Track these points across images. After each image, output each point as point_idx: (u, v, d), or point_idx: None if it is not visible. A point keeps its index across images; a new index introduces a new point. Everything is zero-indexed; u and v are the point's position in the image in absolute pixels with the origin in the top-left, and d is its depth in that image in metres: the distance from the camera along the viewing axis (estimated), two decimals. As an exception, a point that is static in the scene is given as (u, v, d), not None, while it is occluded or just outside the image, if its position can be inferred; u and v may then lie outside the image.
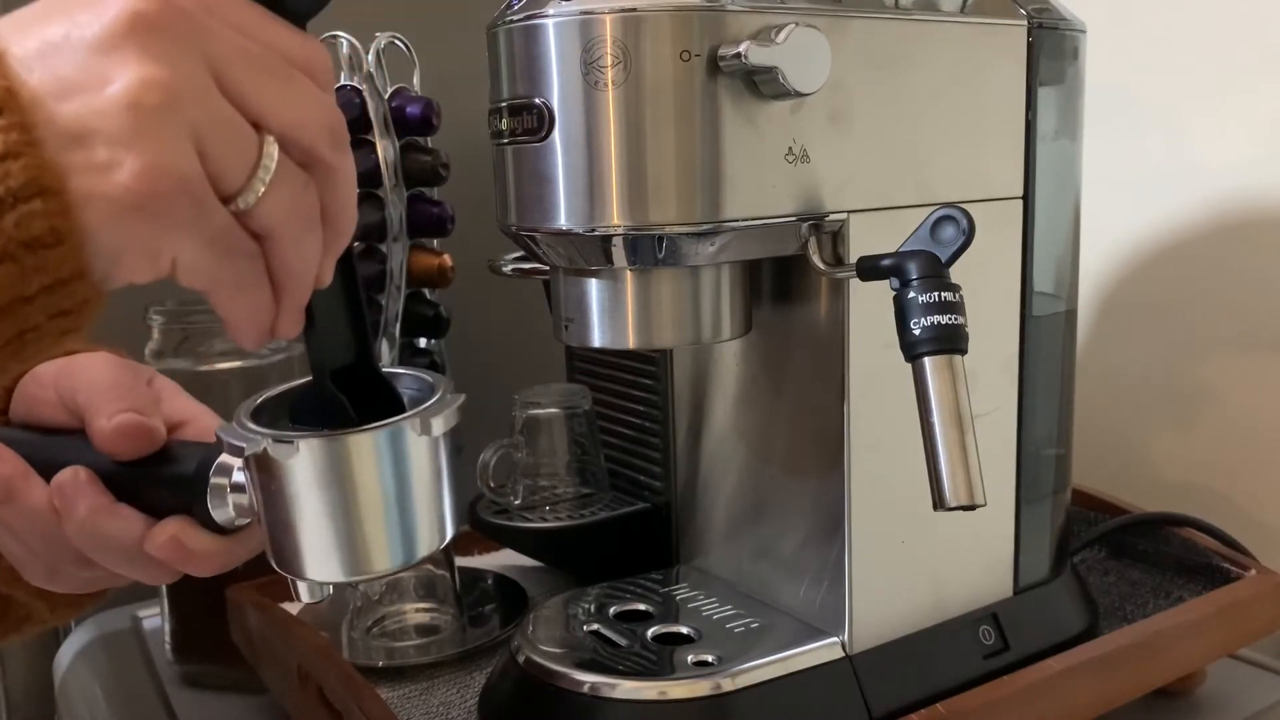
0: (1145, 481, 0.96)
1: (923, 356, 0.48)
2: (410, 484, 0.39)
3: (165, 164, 0.30)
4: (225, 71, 0.32)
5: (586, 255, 0.53)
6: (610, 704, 0.56)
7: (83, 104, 0.30)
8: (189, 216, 0.31)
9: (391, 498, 0.39)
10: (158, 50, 0.30)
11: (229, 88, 0.32)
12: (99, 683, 0.81)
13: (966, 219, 0.49)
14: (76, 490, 0.41)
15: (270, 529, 0.40)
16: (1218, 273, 0.90)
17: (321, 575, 0.40)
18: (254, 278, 0.34)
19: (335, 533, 0.39)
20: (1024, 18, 0.61)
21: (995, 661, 0.63)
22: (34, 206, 0.29)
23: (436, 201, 0.81)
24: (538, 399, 0.79)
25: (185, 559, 0.42)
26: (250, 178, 0.32)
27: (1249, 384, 0.89)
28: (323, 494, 0.38)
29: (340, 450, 0.38)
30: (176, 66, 0.30)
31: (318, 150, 0.34)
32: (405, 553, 0.40)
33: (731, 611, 0.64)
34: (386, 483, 0.39)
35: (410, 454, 0.39)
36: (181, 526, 0.42)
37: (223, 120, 0.31)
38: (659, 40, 0.49)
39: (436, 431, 0.39)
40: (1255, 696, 0.72)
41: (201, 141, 0.31)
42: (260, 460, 0.39)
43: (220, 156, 0.31)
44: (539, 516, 0.78)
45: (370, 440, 0.38)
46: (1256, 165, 0.87)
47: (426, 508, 0.40)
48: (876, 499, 0.59)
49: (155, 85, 0.30)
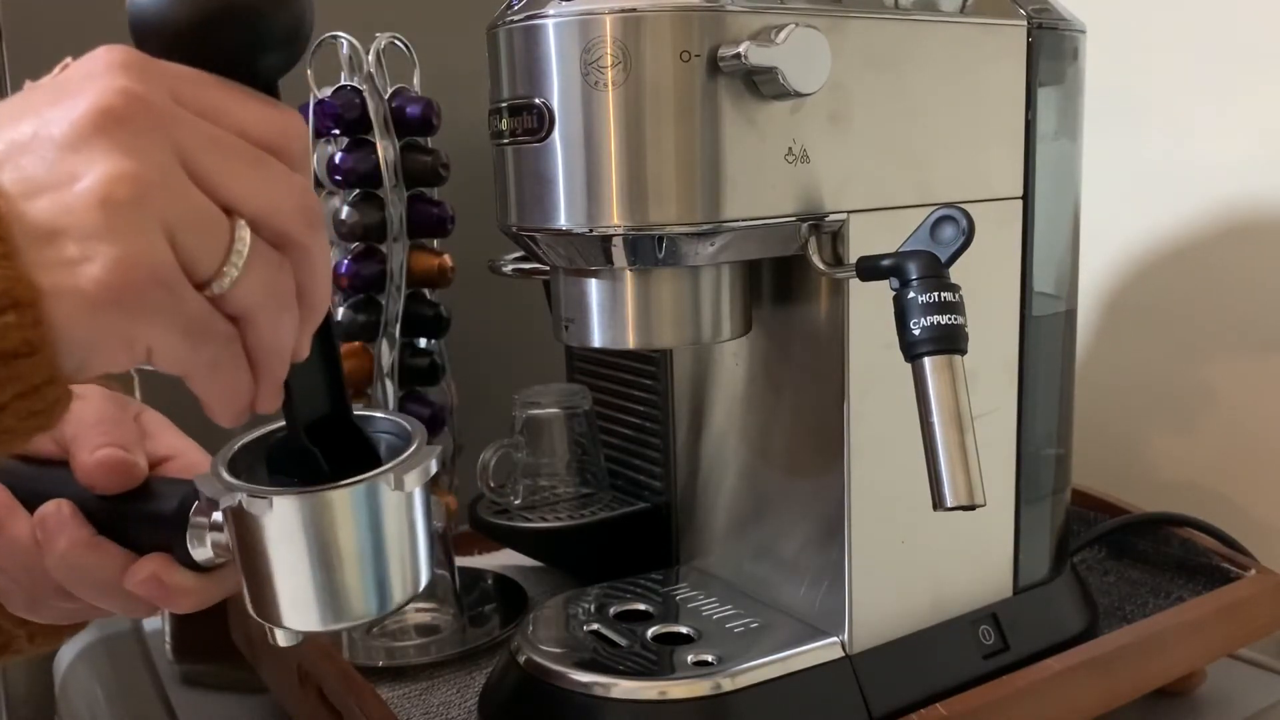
0: (1145, 481, 0.96)
1: (922, 356, 0.48)
2: (384, 536, 0.40)
3: (137, 256, 0.30)
4: (195, 160, 0.32)
5: (586, 255, 0.53)
6: (610, 704, 0.56)
7: (52, 202, 0.30)
8: (163, 306, 0.31)
9: (366, 550, 0.40)
10: (126, 144, 0.30)
11: (199, 176, 0.32)
12: (99, 683, 0.81)
13: (966, 219, 0.49)
14: (58, 523, 0.41)
15: (246, 578, 0.40)
16: (1218, 273, 0.90)
17: (297, 624, 0.40)
18: (231, 359, 0.34)
19: (309, 584, 0.39)
20: (1024, 18, 0.61)
21: (995, 661, 0.63)
22: (8, 319, 0.29)
23: (436, 201, 0.81)
24: (538, 399, 0.79)
25: (164, 596, 0.42)
26: (223, 263, 0.32)
27: (1249, 384, 0.89)
28: (297, 547, 0.39)
29: (314, 506, 0.38)
30: (145, 159, 0.31)
31: (291, 232, 0.34)
32: (379, 602, 0.40)
33: (731, 611, 0.64)
34: (361, 536, 0.39)
35: (384, 508, 0.40)
36: (161, 564, 0.42)
37: (193, 209, 0.32)
38: (659, 40, 0.49)
39: (410, 487, 0.40)
40: (1255, 696, 0.72)
41: (173, 231, 0.31)
42: (236, 513, 0.39)
43: (192, 245, 0.31)
44: (539, 516, 0.78)
45: (344, 496, 0.39)
46: (1256, 166, 0.87)
47: (400, 558, 0.41)
48: (876, 499, 0.59)
49: (124, 179, 0.30)
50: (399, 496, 0.39)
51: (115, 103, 0.30)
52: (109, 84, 0.31)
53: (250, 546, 0.39)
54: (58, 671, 0.86)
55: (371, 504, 0.39)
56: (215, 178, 0.32)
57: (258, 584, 0.40)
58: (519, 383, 0.81)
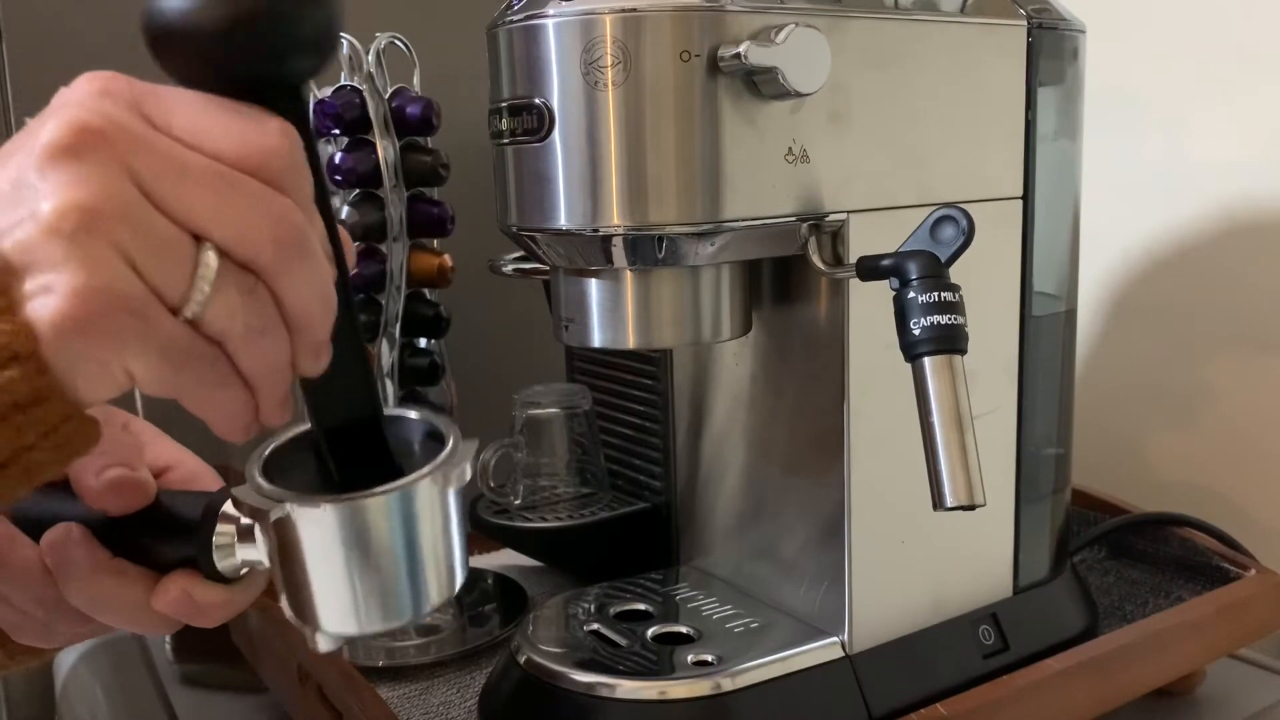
0: (1145, 481, 0.96)
1: (922, 356, 0.48)
2: (423, 538, 0.40)
3: (96, 284, 0.31)
4: (154, 186, 0.32)
5: (586, 255, 0.53)
6: (610, 704, 0.56)
7: (20, 237, 0.31)
8: (133, 331, 0.32)
9: (407, 554, 0.39)
10: (77, 174, 0.31)
11: (160, 202, 0.32)
12: (99, 683, 0.81)
13: (966, 219, 0.49)
14: (71, 548, 0.41)
15: (288, 586, 0.40)
16: (1218, 273, 0.90)
17: (338, 629, 0.40)
18: (219, 378, 0.34)
19: (352, 590, 0.39)
20: (1024, 18, 0.61)
21: (995, 661, 0.63)
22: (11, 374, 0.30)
23: (436, 201, 0.81)
24: (538, 399, 0.79)
25: (195, 612, 0.42)
26: (189, 288, 0.32)
27: (1249, 384, 0.89)
28: (342, 553, 0.38)
29: (361, 512, 0.38)
30: (97, 188, 0.31)
31: (259, 257, 0.34)
32: (418, 605, 0.40)
33: (731, 611, 0.64)
34: (402, 539, 0.39)
35: (426, 509, 0.39)
36: (190, 580, 0.41)
37: (153, 234, 0.32)
38: (659, 40, 0.49)
39: (455, 485, 0.40)
40: (1255, 696, 0.72)
41: (132, 257, 0.31)
42: (281, 523, 0.39)
43: (154, 270, 0.32)
44: (539, 516, 0.78)
45: (390, 501, 0.38)
46: (1256, 166, 0.87)
47: (437, 559, 0.40)
48: (876, 499, 0.59)
49: (73, 210, 0.30)
50: (437, 498, 0.39)
51: (65, 137, 0.31)
52: (66, 117, 0.31)
53: (294, 555, 0.39)
54: (58, 672, 0.86)
55: (413, 506, 0.39)
56: (176, 203, 0.32)
57: (298, 590, 0.39)
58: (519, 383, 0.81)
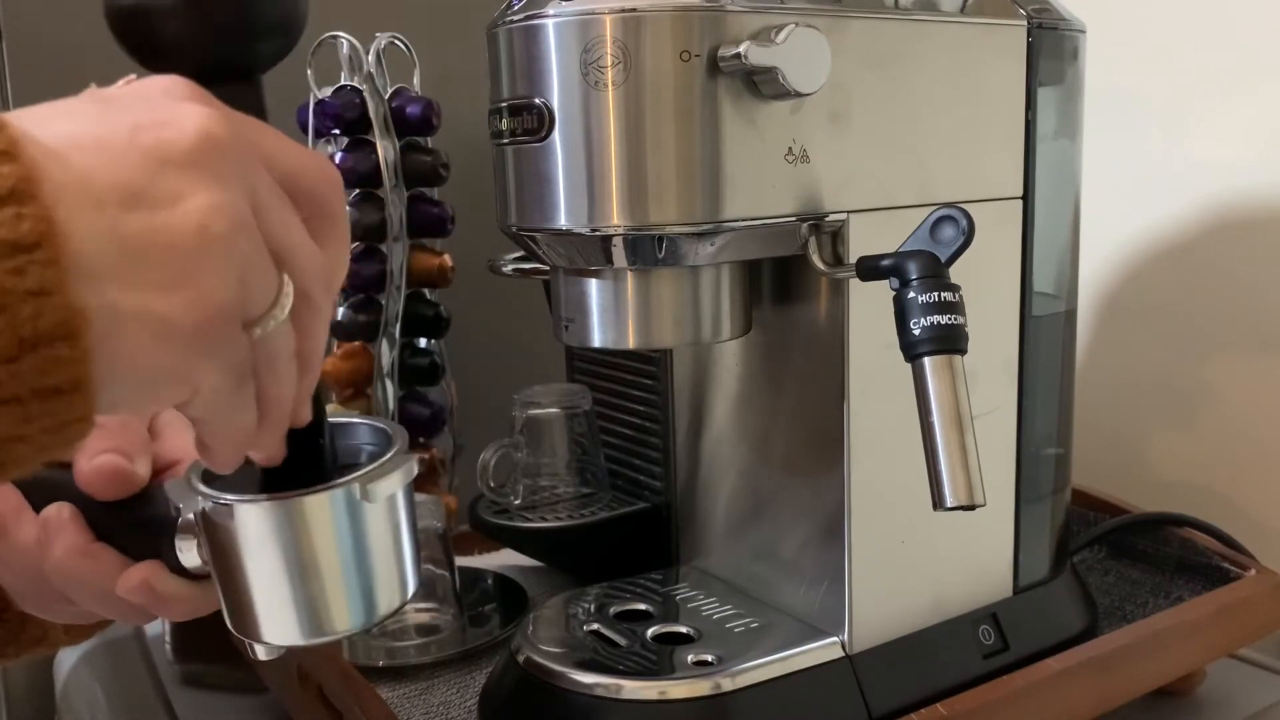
0: (1145, 481, 0.96)
1: (922, 356, 0.48)
2: (362, 546, 0.39)
3: (219, 291, 0.30)
4: (263, 207, 0.32)
5: (586, 255, 0.54)
6: (610, 704, 0.56)
7: (149, 218, 0.29)
8: (223, 345, 0.31)
9: (342, 560, 0.39)
10: (222, 176, 0.30)
11: (264, 224, 0.32)
12: (99, 683, 0.81)
13: (966, 219, 0.49)
14: (58, 527, 0.41)
15: (222, 588, 0.40)
16: (1218, 273, 0.90)
17: (275, 638, 0.39)
18: (250, 405, 0.34)
19: (284, 596, 0.38)
20: (1024, 18, 0.61)
21: (995, 661, 0.63)
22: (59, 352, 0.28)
23: (436, 201, 0.81)
24: (538, 399, 0.79)
25: (156, 602, 0.42)
26: (268, 312, 0.32)
27: (1249, 384, 0.89)
28: (267, 557, 0.38)
29: (280, 514, 0.38)
30: (236, 195, 0.30)
31: (313, 297, 0.34)
32: (363, 614, 0.39)
33: (731, 611, 0.64)
34: (333, 545, 0.38)
35: (358, 516, 0.39)
36: (154, 570, 0.41)
37: (260, 253, 0.32)
38: (659, 40, 0.49)
39: (377, 497, 0.39)
40: (1255, 696, 0.72)
41: (245, 271, 0.31)
42: (205, 520, 0.39)
43: (254, 287, 0.31)
44: (539, 516, 0.78)
45: (311, 504, 0.38)
46: (1256, 165, 0.87)
47: (382, 568, 0.40)
48: (876, 499, 0.59)
49: (223, 211, 0.30)
50: (374, 505, 0.39)
51: (221, 131, 0.30)
52: (205, 112, 0.30)
53: (222, 556, 0.39)
54: (58, 672, 0.86)
55: (343, 512, 0.38)
56: (275, 228, 0.32)
57: (232, 596, 0.39)
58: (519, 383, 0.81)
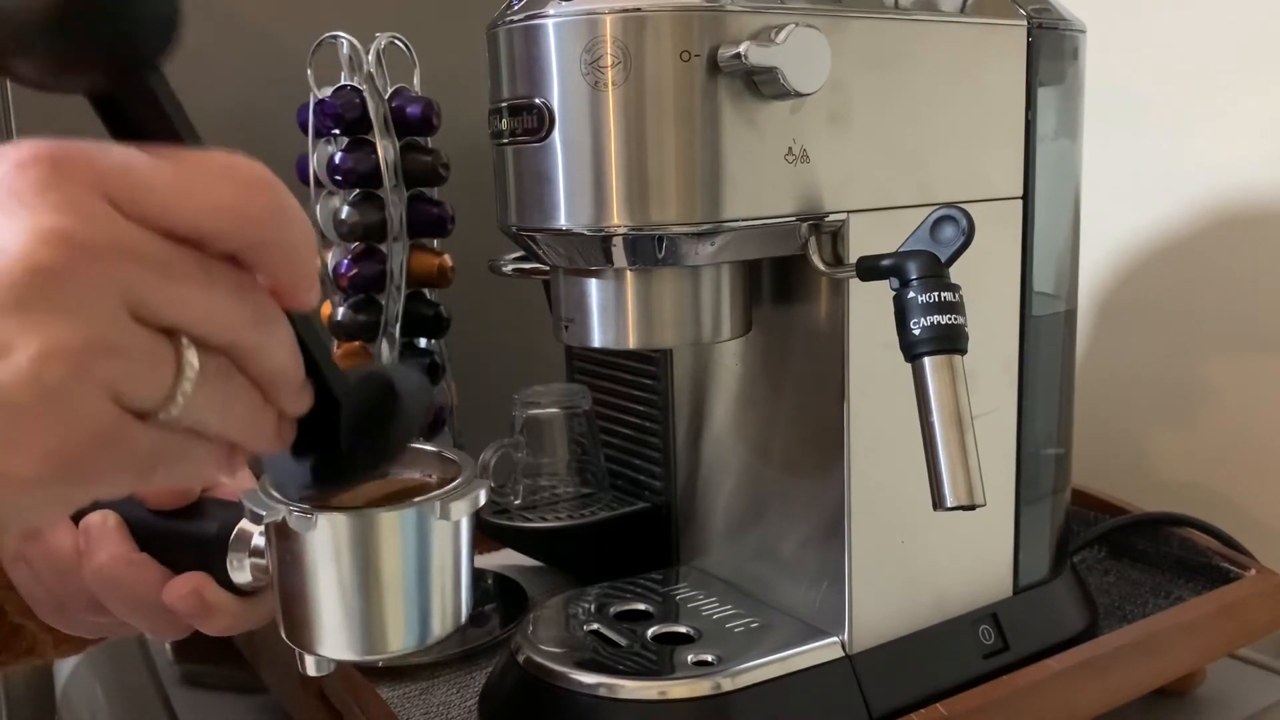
0: (1145, 481, 0.96)
1: (922, 356, 0.48)
2: (428, 566, 0.39)
3: (76, 429, 0.27)
4: (139, 297, 0.28)
5: (586, 255, 0.54)
6: (610, 704, 0.56)
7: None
8: (108, 461, 0.28)
9: (408, 578, 0.39)
10: (65, 304, 0.26)
11: (142, 310, 0.28)
12: (100, 683, 0.81)
13: (966, 219, 0.49)
14: (103, 534, 0.41)
15: (283, 599, 0.40)
16: (1218, 273, 0.90)
17: (331, 651, 0.40)
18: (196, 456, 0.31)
19: (348, 610, 0.39)
20: (1024, 18, 0.61)
21: (995, 661, 0.63)
22: None
23: (436, 201, 0.81)
24: (538, 399, 0.79)
25: (203, 613, 0.42)
26: (170, 395, 0.29)
27: (1249, 384, 0.89)
28: (338, 569, 0.38)
29: (360, 527, 0.38)
30: (86, 320, 0.27)
31: (239, 344, 0.31)
32: (418, 635, 0.40)
33: (731, 611, 0.64)
34: (404, 563, 0.39)
35: (430, 536, 0.39)
36: (203, 581, 0.41)
37: (137, 352, 0.28)
38: (659, 40, 0.49)
39: (455, 516, 0.39)
40: (1255, 696, 0.72)
41: (116, 384, 0.28)
42: (279, 529, 0.39)
43: (135, 389, 0.28)
44: (539, 516, 0.78)
45: (391, 520, 0.38)
46: (1256, 165, 0.87)
47: (442, 590, 0.40)
48: (876, 499, 0.59)
49: (60, 356, 0.26)
50: (445, 525, 0.39)
51: (50, 258, 0.26)
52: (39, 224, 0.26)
53: (290, 566, 0.39)
54: (58, 672, 0.86)
55: (417, 530, 0.39)
56: (160, 307, 0.28)
57: (294, 607, 0.39)
58: (519, 383, 0.81)
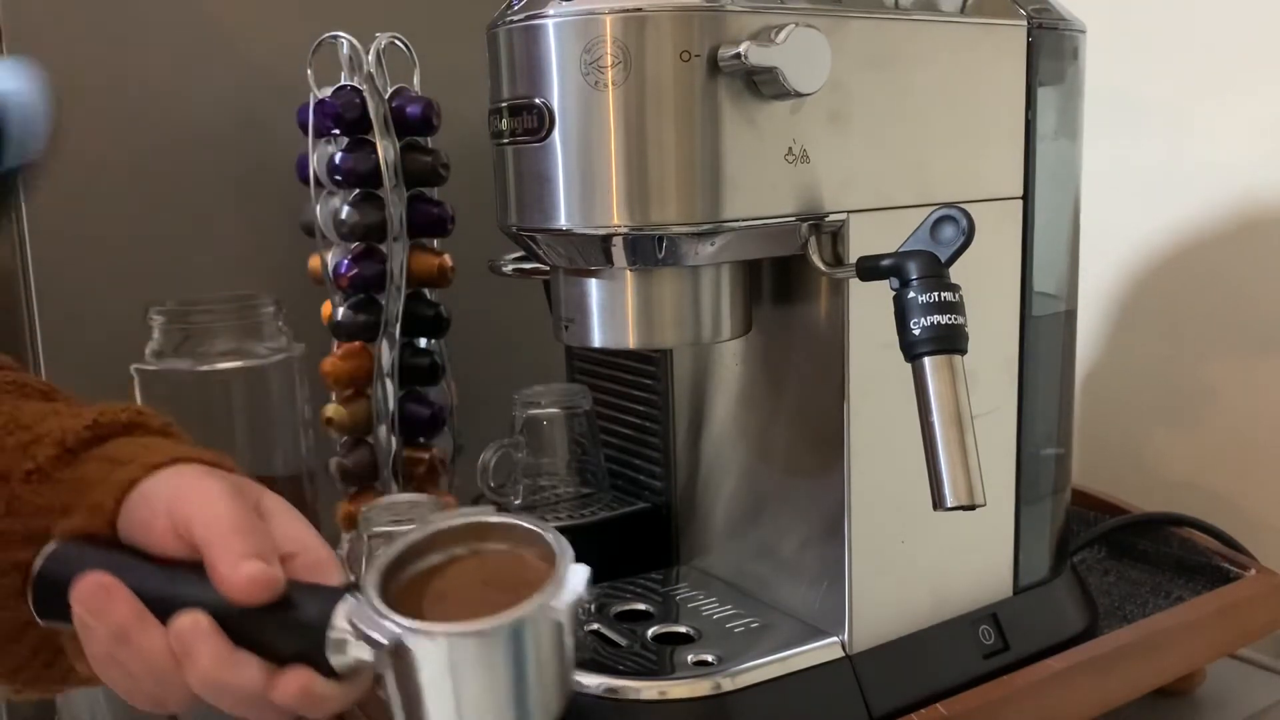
0: (1145, 481, 0.96)
1: (922, 356, 0.48)
2: (538, 664, 0.39)
3: None
4: None
5: (586, 255, 0.53)
6: (610, 704, 0.56)
7: None
8: None
9: (519, 678, 0.39)
10: None
11: None
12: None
13: (966, 219, 0.49)
14: (198, 638, 0.41)
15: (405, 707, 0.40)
16: (1218, 273, 0.90)
17: None
18: None
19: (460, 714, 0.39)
20: (1024, 18, 0.61)
21: (995, 661, 0.63)
22: None
23: (436, 201, 0.81)
24: (538, 399, 0.79)
25: (312, 706, 0.41)
26: None
27: (1249, 384, 0.89)
28: (454, 680, 0.38)
29: (478, 642, 0.38)
30: None
31: None
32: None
33: (731, 611, 0.64)
34: (517, 665, 0.39)
35: (540, 636, 0.39)
36: (309, 675, 0.41)
37: None
38: (659, 40, 0.49)
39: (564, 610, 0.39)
40: (1255, 696, 0.72)
41: None
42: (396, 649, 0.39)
43: None
44: (539, 516, 0.78)
45: (506, 630, 0.38)
46: (1257, 165, 0.87)
47: (544, 683, 0.40)
48: (876, 499, 0.59)
49: None
50: (553, 623, 0.39)
51: None
52: None
53: (405, 678, 0.39)
54: (58, 671, 0.86)
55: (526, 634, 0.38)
56: None
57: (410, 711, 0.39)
58: (519, 383, 0.81)
